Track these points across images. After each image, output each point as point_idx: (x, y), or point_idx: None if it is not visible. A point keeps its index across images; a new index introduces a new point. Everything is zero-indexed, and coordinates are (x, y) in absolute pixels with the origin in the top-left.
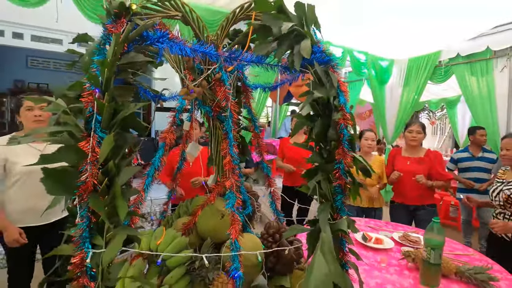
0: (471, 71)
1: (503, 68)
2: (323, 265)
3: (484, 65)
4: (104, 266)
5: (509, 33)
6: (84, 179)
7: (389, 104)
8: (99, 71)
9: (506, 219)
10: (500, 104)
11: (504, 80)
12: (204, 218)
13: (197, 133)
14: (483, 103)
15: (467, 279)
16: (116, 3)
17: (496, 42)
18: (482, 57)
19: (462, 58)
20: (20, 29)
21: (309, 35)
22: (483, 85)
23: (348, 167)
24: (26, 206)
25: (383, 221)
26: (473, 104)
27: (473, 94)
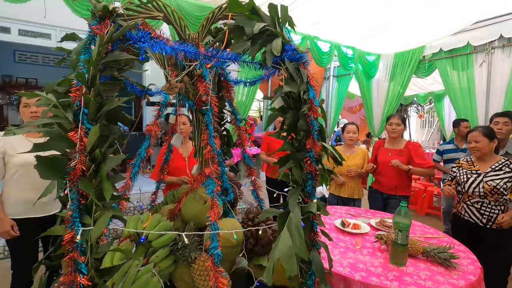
0: (452, 66)
1: (482, 62)
2: (288, 239)
3: (465, 59)
4: (93, 241)
5: (488, 29)
6: (73, 165)
7: (376, 97)
8: (85, 69)
9: (483, 207)
10: (479, 97)
11: (483, 74)
12: (187, 204)
13: (188, 128)
14: (463, 96)
15: (432, 258)
16: (100, 6)
17: (476, 37)
18: (463, 52)
19: (444, 53)
20: (7, 23)
21: (281, 34)
22: (463, 79)
23: (318, 155)
24: (25, 198)
25: (363, 209)
26: (454, 97)
27: (455, 87)
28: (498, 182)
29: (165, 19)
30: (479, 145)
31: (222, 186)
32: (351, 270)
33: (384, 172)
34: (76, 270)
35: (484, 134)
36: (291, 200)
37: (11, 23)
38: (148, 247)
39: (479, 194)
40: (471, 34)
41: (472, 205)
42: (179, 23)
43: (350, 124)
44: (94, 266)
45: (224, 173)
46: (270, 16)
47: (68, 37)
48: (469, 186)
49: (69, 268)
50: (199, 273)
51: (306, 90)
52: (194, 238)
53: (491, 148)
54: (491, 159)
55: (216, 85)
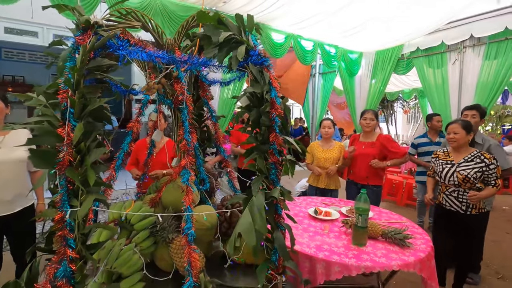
0: (428, 63)
1: (454, 61)
2: (248, 217)
3: (440, 58)
4: (79, 220)
5: (460, 29)
6: (62, 156)
7: (359, 94)
8: (70, 74)
9: (460, 194)
10: (452, 93)
11: (455, 72)
12: (167, 192)
13: (162, 125)
14: (438, 92)
15: (390, 239)
16: (83, 19)
17: (449, 37)
18: (437, 51)
19: (421, 51)
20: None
21: (246, 41)
22: (438, 76)
23: (280, 148)
24: None
25: (338, 199)
26: (430, 93)
27: (430, 84)
28: (469, 172)
29: (143, 28)
30: (457, 136)
31: (198, 176)
32: (316, 250)
33: (358, 164)
34: (66, 245)
35: (462, 127)
36: (254, 186)
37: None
38: (131, 230)
39: (454, 183)
40: (445, 33)
41: (450, 194)
42: (157, 30)
43: (325, 119)
44: (81, 240)
45: (201, 164)
46: (237, 25)
47: (55, 43)
48: (445, 175)
49: (60, 244)
50: (176, 252)
51: (268, 90)
52: (171, 221)
53: (467, 140)
54: (465, 150)
55: (193, 85)
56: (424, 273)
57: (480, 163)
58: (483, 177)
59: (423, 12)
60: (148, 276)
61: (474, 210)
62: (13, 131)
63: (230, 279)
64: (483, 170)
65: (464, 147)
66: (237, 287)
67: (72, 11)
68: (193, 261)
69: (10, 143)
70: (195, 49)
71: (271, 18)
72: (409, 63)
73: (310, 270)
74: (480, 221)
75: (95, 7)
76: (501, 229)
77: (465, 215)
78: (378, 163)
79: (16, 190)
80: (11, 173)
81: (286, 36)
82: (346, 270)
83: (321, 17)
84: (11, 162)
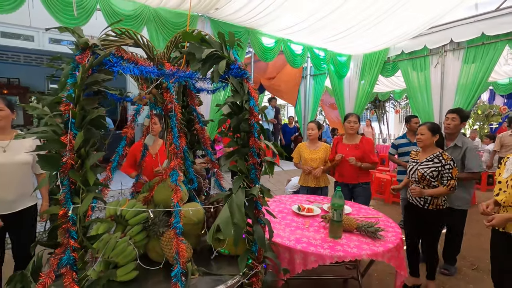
0: (412, 66)
1: (436, 64)
2: (226, 212)
3: (423, 61)
4: (81, 215)
5: (441, 34)
6: (65, 160)
7: (348, 95)
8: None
9: None
10: (434, 94)
11: (437, 74)
12: (158, 191)
13: (158, 128)
14: (421, 93)
15: (363, 232)
16: (82, 41)
17: (431, 41)
18: (420, 54)
19: (405, 55)
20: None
21: (226, 56)
22: (421, 78)
23: (259, 150)
24: None
25: (322, 196)
26: (413, 94)
27: (414, 86)
28: (426, 170)
29: (136, 44)
30: (423, 137)
31: (187, 176)
32: (295, 243)
33: (344, 166)
34: (69, 236)
35: (428, 128)
36: (235, 185)
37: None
38: (126, 224)
39: (415, 180)
40: (427, 38)
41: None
42: (147, 45)
43: (310, 122)
44: (82, 232)
45: (190, 166)
46: (218, 42)
47: (55, 58)
48: (409, 172)
49: (64, 236)
50: (166, 244)
51: (247, 100)
52: (162, 217)
53: (432, 141)
54: (431, 151)
55: (181, 94)
56: (392, 262)
57: (438, 163)
58: (440, 176)
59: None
60: (141, 266)
61: (432, 206)
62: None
63: (215, 268)
64: (439, 169)
65: (430, 148)
66: (221, 275)
67: (72, 32)
68: (180, 251)
69: (15, 147)
70: (183, 62)
71: (261, 24)
72: (395, 66)
73: (289, 261)
74: (435, 216)
75: (91, 16)
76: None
77: (423, 209)
78: (355, 162)
79: (19, 191)
80: (14, 175)
81: (276, 41)
82: (321, 260)
83: (309, 22)
84: (14, 165)
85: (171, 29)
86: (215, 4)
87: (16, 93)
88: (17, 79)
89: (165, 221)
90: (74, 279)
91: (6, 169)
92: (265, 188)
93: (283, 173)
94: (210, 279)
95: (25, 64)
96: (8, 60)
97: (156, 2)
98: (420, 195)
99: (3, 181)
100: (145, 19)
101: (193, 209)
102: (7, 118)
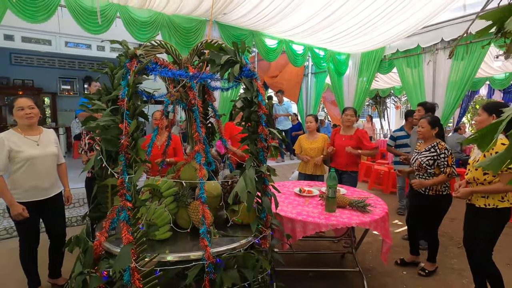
0: (407, 64)
1: (428, 62)
2: (242, 182)
3: (416, 59)
4: (134, 183)
5: (433, 33)
6: (122, 141)
7: (347, 92)
8: (125, 88)
9: (421, 178)
10: (427, 90)
11: (429, 72)
12: (184, 171)
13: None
14: (415, 89)
15: (355, 207)
16: (131, 52)
17: (424, 40)
18: (414, 53)
19: (400, 53)
20: (11, 31)
21: (239, 61)
22: (415, 75)
23: (266, 136)
24: (30, 185)
25: (320, 182)
26: (408, 90)
27: (409, 82)
28: (423, 159)
29: (166, 52)
30: (423, 130)
31: (207, 159)
32: (296, 215)
33: (339, 154)
34: (125, 199)
35: (428, 122)
36: (248, 163)
37: (14, 31)
38: (160, 197)
39: (416, 168)
40: (420, 37)
41: (415, 177)
42: (175, 52)
43: (309, 115)
44: (135, 196)
45: (209, 151)
46: (233, 49)
47: (94, 70)
48: (411, 161)
49: (121, 199)
50: (193, 211)
51: (256, 95)
52: (189, 191)
53: (432, 134)
54: (429, 142)
55: (201, 92)
56: (378, 230)
57: (433, 153)
58: (437, 164)
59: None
60: (174, 229)
61: (431, 191)
62: (44, 131)
63: (232, 232)
64: (435, 158)
65: (429, 139)
66: (237, 236)
67: (122, 45)
68: (206, 215)
69: (45, 140)
70: (204, 66)
71: (265, 27)
72: (391, 64)
73: (292, 229)
74: (435, 201)
75: (111, 23)
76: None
77: (425, 195)
78: (352, 150)
79: (51, 179)
80: (48, 165)
81: (279, 42)
82: (317, 227)
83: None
84: (48, 156)
85: (183, 34)
86: (223, 10)
87: (30, 94)
88: (31, 81)
89: (191, 193)
90: (129, 231)
91: (41, 160)
92: (271, 168)
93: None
94: (228, 239)
95: (38, 66)
96: (22, 62)
97: (171, 10)
98: (420, 187)
99: (40, 170)
100: (159, 25)
101: (214, 182)
102: (37, 116)
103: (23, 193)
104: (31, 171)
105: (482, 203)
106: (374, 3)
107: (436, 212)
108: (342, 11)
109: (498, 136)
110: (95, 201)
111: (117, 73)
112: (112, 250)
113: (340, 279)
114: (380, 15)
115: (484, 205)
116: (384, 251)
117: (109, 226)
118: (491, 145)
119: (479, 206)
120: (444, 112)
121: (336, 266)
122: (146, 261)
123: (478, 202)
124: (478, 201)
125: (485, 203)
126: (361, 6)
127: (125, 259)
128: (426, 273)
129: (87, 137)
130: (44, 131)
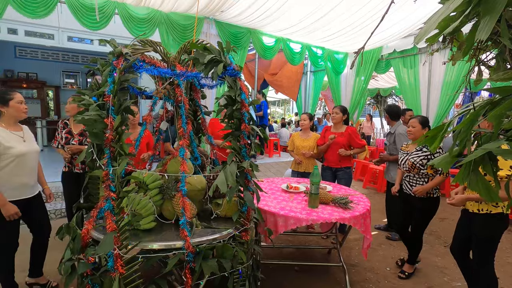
0: (403, 64)
1: (424, 62)
2: (223, 176)
3: (412, 59)
4: (118, 174)
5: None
6: (107, 135)
7: (344, 91)
8: (111, 85)
9: (411, 179)
10: (422, 90)
11: (425, 72)
12: (171, 165)
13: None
14: (411, 90)
15: (337, 204)
16: (118, 50)
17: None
18: (410, 53)
19: (397, 53)
20: (14, 25)
21: (223, 61)
22: (411, 75)
23: (249, 133)
24: (19, 183)
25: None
26: (404, 90)
27: (405, 82)
28: (415, 159)
29: (154, 50)
30: (414, 129)
31: (193, 155)
32: (279, 210)
33: (332, 151)
34: (110, 189)
35: (419, 122)
36: (229, 158)
37: (18, 24)
38: (146, 189)
39: (406, 169)
40: None
41: (405, 178)
42: (163, 51)
43: (303, 113)
44: (118, 187)
45: (196, 146)
46: (218, 49)
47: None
48: (401, 163)
49: (105, 190)
50: (176, 203)
51: (239, 94)
52: (173, 183)
53: (422, 134)
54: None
55: (189, 90)
56: (358, 226)
57: (426, 152)
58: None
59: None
60: (158, 221)
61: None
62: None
63: (214, 225)
64: (429, 158)
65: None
66: (218, 228)
67: (110, 44)
68: (186, 206)
69: (29, 137)
70: (190, 64)
71: (262, 25)
72: (388, 64)
73: (274, 223)
74: (426, 204)
75: (110, 20)
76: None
77: (416, 198)
78: (345, 152)
79: (35, 177)
80: (34, 162)
81: (276, 40)
82: (298, 222)
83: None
84: (35, 153)
85: (180, 31)
86: (220, 7)
87: (34, 87)
88: (35, 74)
89: (176, 186)
90: (113, 220)
91: (29, 157)
92: (253, 164)
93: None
94: (210, 230)
95: (42, 59)
96: (26, 56)
97: (168, 8)
98: (423, 193)
99: (28, 167)
100: (157, 22)
101: (198, 176)
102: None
103: (11, 191)
104: (20, 168)
105: (476, 208)
106: (370, 3)
107: (426, 215)
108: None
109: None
110: (86, 192)
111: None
112: (98, 237)
113: (324, 274)
114: (376, 14)
115: (477, 210)
116: (365, 247)
117: (97, 215)
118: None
119: (472, 211)
120: (438, 112)
121: (323, 261)
122: (129, 248)
123: (471, 207)
124: (472, 206)
125: (478, 208)
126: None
127: (108, 245)
128: (406, 275)
129: (63, 131)
130: (24, 128)
